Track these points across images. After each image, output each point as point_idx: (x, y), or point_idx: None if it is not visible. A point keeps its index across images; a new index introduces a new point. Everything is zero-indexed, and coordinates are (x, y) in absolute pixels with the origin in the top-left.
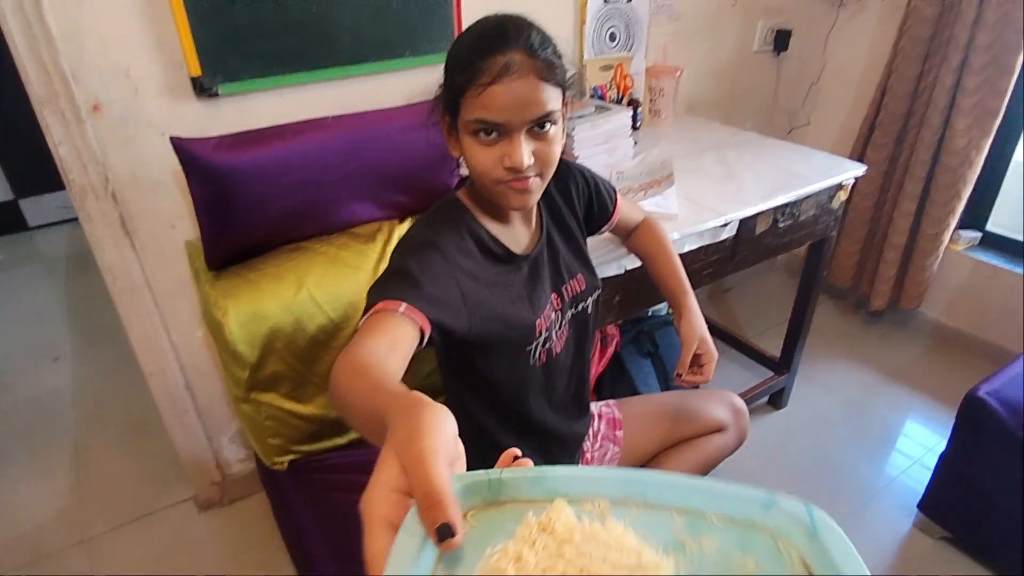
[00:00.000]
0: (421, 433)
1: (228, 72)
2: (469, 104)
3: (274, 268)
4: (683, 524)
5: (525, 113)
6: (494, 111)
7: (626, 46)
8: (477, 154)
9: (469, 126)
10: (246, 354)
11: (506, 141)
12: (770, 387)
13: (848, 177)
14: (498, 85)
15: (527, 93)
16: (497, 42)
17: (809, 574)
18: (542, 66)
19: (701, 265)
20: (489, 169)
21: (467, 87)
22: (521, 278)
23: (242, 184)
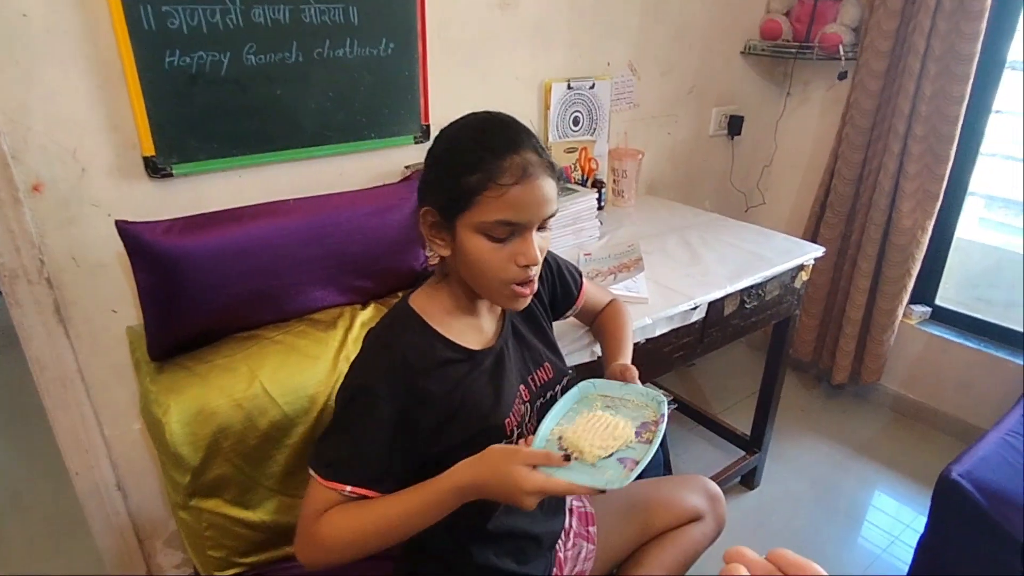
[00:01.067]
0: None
1: (184, 152)
2: (486, 205)
3: (224, 359)
4: None
5: (543, 212)
6: (519, 212)
7: (589, 130)
8: (486, 254)
9: (484, 226)
10: (188, 457)
11: (519, 240)
12: (743, 467)
13: (808, 259)
14: (522, 186)
15: (545, 193)
16: (511, 142)
17: None
18: (549, 165)
19: (672, 348)
20: (499, 269)
21: (484, 187)
22: (485, 374)
23: (192, 270)
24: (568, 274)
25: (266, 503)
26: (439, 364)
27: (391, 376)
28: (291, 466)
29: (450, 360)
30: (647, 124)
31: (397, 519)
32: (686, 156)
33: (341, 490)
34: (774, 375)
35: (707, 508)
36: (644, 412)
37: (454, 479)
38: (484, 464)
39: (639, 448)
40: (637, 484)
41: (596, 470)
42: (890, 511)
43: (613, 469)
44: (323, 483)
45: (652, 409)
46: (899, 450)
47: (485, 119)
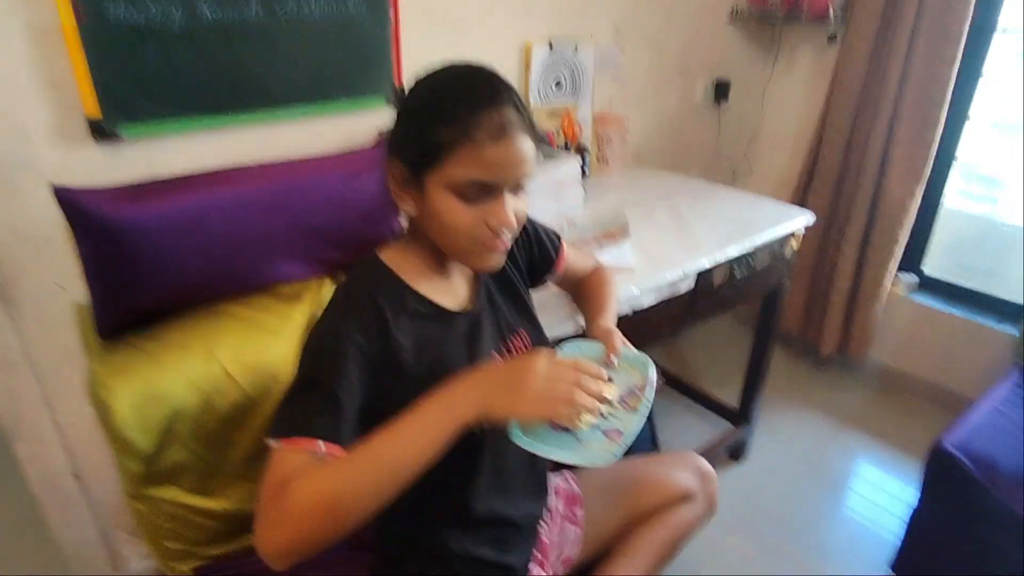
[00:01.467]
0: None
1: (133, 114)
2: (459, 161)
3: (180, 336)
4: None
5: (519, 173)
6: (493, 171)
7: (572, 95)
8: (456, 212)
9: (455, 185)
10: (139, 443)
11: (491, 200)
12: (731, 441)
13: (799, 225)
14: (499, 145)
15: (523, 153)
16: (489, 97)
17: None
18: (529, 125)
19: (659, 320)
20: (468, 228)
21: (458, 143)
22: (458, 338)
23: (141, 242)
24: (546, 237)
25: (228, 490)
26: (411, 317)
27: (365, 327)
28: (255, 450)
29: (421, 315)
30: (633, 90)
31: (384, 460)
32: (672, 123)
33: (313, 448)
34: (763, 348)
35: (698, 487)
36: (630, 377)
37: (454, 388)
38: (494, 364)
39: (623, 417)
40: (625, 462)
41: (579, 443)
42: (878, 482)
43: (597, 442)
44: (290, 445)
45: (639, 373)
46: (886, 421)
47: (466, 70)
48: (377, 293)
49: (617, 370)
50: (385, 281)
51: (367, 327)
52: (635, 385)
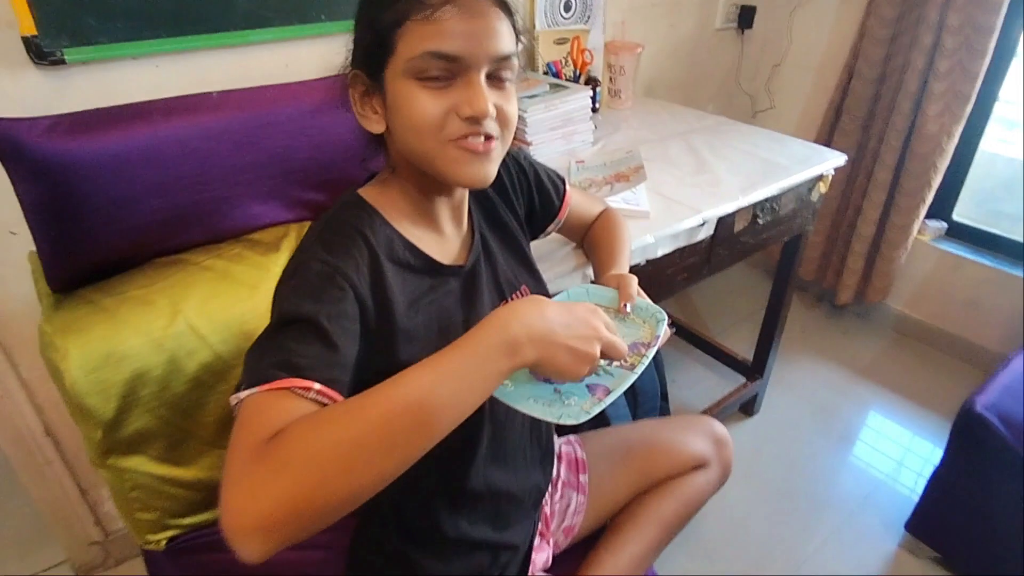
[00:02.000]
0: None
1: (78, 33)
2: (412, 36)
3: (140, 290)
4: None
5: (487, 46)
6: (451, 39)
7: (582, 18)
8: (421, 103)
9: (413, 66)
10: (98, 409)
11: (462, 85)
12: (743, 395)
13: (829, 167)
14: (454, 6)
15: (488, 22)
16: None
17: None
18: (500, 2)
19: (675, 270)
20: (436, 122)
21: (408, 14)
22: (452, 298)
23: (89, 180)
24: (548, 180)
25: (201, 458)
26: (400, 268)
27: (355, 263)
28: (229, 415)
29: (411, 267)
30: (647, 13)
31: (424, 402)
32: (689, 51)
33: (305, 389)
34: (780, 299)
35: (713, 454)
36: (639, 331)
37: (518, 326)
38: (557, 308)
39: (616, 373)
40: (635, 425)
41: (557, 396)
42: (894, 437)
43: (578, 396)
44: (272, 388)
45: (649, 327)
46: (902, 373)
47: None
48: (365, 230)
49: (626, 321)
50: (371, 220)
51: (357, 264)
52: (640, 340)
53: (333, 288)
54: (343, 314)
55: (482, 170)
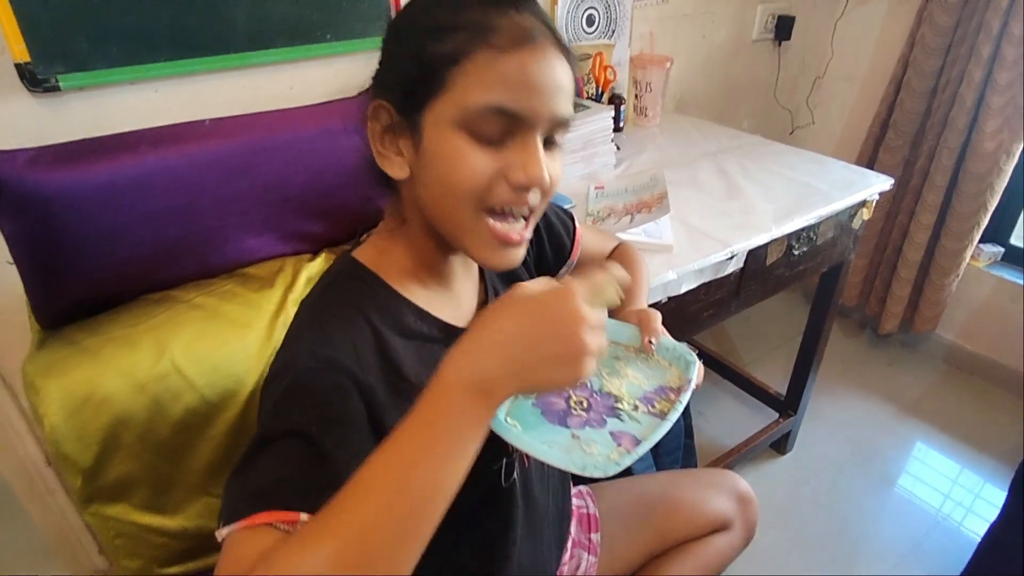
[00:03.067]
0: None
1: (72, 59)
2: (473, 80)
3: (125, 329)
4: None
5: (554, 105)
6: (521, 94)
7: (606, 32)
8: (469, 162)
9: (468, 117)
10: (76, 456)
11: (517, 146)
12: (775, 432)
13: (873, 192)
14: (526, 52)
15: (558, 76)
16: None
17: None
18: (565, 48)
19: (699, 307)
20: (482, 186)
21: (470, 50)
22: None
23: (73, 214)
24: (558, 220)
25: (188, 506)
26: (409, 339)
27: (356, 351)
28: (218, 460)
29: (423, 336)
30: (677, 24)
31: (394, 494)
32: (723, 65)
33: (289, 523)
34: (818, 331)
35: (736, 514)
36: (665, 373)
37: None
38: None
39: (644, 421)
40: (654, 479)
41: (574, 442)
42: (942, 480)
43: (601, 444)
44: (258, 521)
45: (677, 370)
46: (953, 409)
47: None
48: (366, 306)
49: (649, 361)
50: (372, 291)
51: (357, 350)
52: (668, 385)
53: (329, 388)
54: (342, 419)
55: (510, 257)
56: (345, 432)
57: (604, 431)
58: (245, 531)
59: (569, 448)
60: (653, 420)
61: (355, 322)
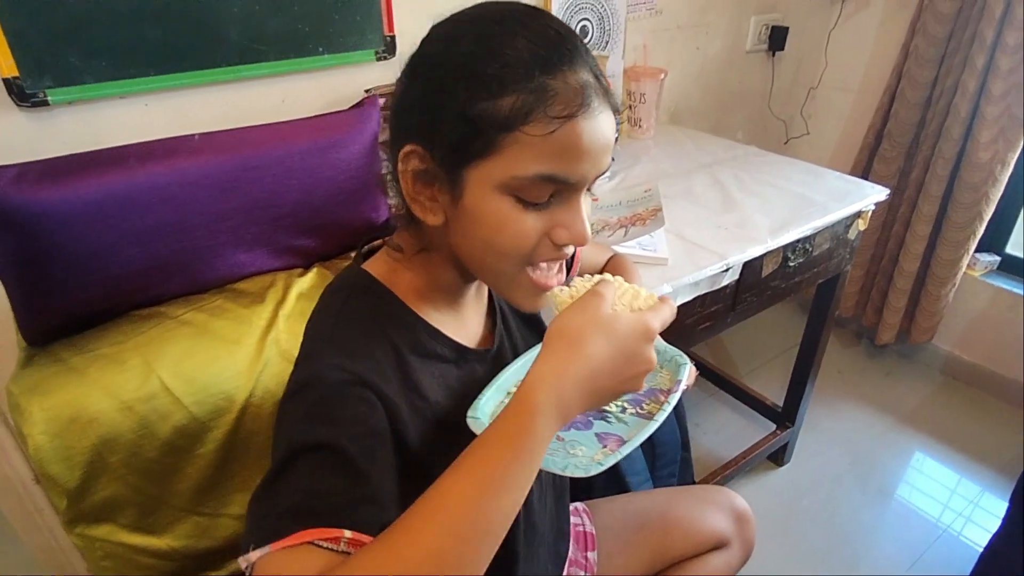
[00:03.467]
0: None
1: (61, 73)
2: (524, 149)
3: (113, 347)
4: None
5: (600, 164)
6: (573, 163)
7: (600, 44)
8: (518, 226)
9: (517, 184)
10: (61, 477)
11: (562, 207)
12: (772, 444)
13: (868, 203)
14: (578, 121)
15: (608, 137)
16: (565, 52)
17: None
18: (608, 93)
19: (696, 320)
20: (529, 246)
21: (524, 119)
22: (479, 384)
23: (61, 231)
24: None
25: (176, 526)
26: (425, 359)
27: (379, 368)
28: (206, 480)
29: (437, 356)
30: (671, 36)
31: (474, 512)
32: (718, 76)
33: (333, 540)
34: (815, 342)
35: (733, 532)
36: (656, 375)
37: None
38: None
39: (631, 422)
40: (650, 495)
41: (559, 443)
42: (941, 491)
43: (586, 446)
44: (290, 544)
45: (668, 372)
46: (951, 420)
47: (518, 9)
48: (384, 322)
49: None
50: (389, 307)
51: (381, 366)
52: (659, 387)
53: (356, 402)
54: (372, 433)
55: (540, 304)
56: (375, 446)
57: (590, 433)
58: (284, 552)
59: (552, 450)
60: (640, 421)
61: (377, 337)
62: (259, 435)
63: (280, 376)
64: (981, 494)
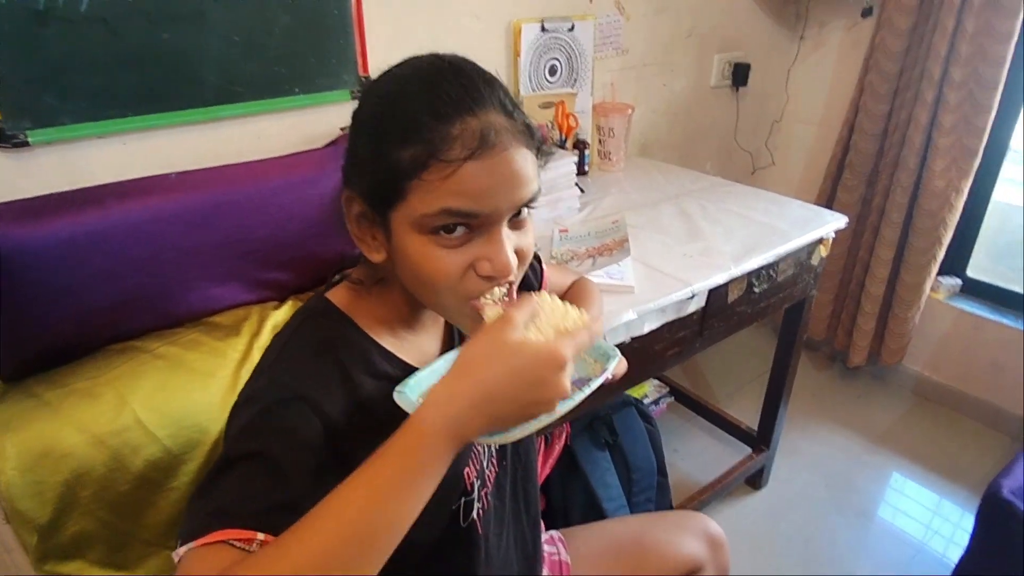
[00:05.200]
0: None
1: (40, 115)
2: (428, 190)
3: (87, 381)
4: None
5: (512, 197)
6: (477, 198)
7: (568, 82)
8: (435, 261)
9: (427, 222)
10: (32, 513)
11: (481, 240)
12: (748, 468)
13: (828, 230)
14: (481, 161)
15: (516, 168)
16: (464, 99)
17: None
18: (523, 130)
19: (664, 346)
20: (455, 282)
21: (423, 165)
22: None
23: (33, 269)
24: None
25: (146, 561)
26: (376, 379)
27: (323, 384)
28: (178, 513)
29: (388, 377)
30: (638, 74)
31: (359, 520)
32: (684, 111)
33: (246, 540)
34: (785, 366)
35: (707, 556)
36: (587, 368)
37: (452, 403)
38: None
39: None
40: (624, 524)
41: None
42: (917, 510)
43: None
44: (207, 541)
45: (600, 365)
46: (924, 440)
47: (430, 65)
48: (335, 343)
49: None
50: (342, 330)
51: (327, 385)
52: (588, 376)
53: (294, 415)
54: (303, 446)
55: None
56: (304, 458)
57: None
58: (202, 548)
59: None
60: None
61: (323, 357)
62: None
63: None
64: (958, 513)
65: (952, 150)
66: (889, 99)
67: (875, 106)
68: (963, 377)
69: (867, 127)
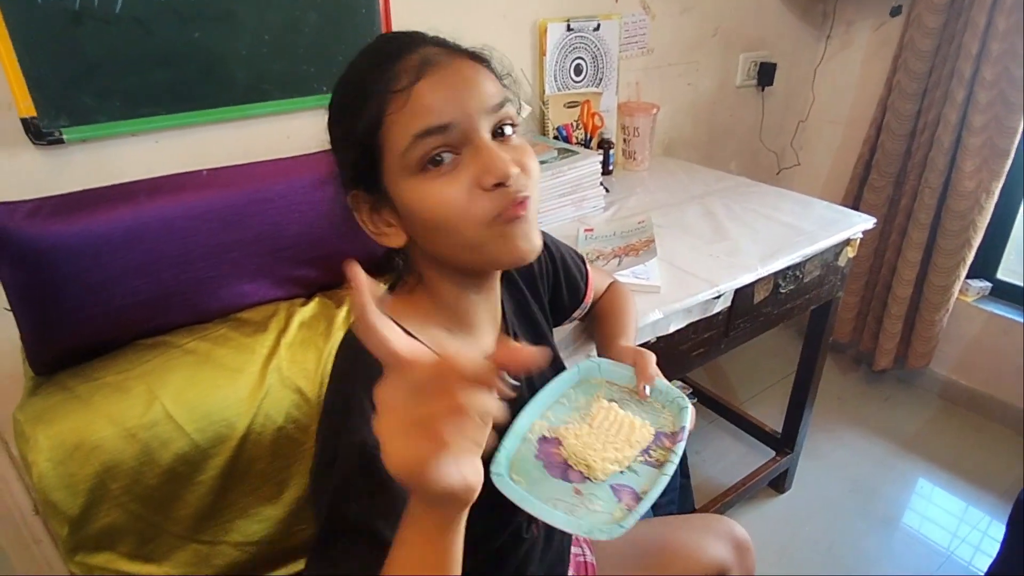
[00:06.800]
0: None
1: (76, 112)
2: (394, 129)
3: (117, 375)
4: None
5: (476, 101)
6: (437, 112)
7: (594, 81)
8: (437, 195)
9: (409, 158)
10: (64, 505)
11: (471, 156)
12: (772, 470)
13: (856, 231)
14: (427, 79)
15: (467, 75)
16: (402, 45)
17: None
18: (469, 53)
19: (690, 346)
20: (463, 207)
21: (383, 109)
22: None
23: (69, 264)
24: (572, 263)
25: (175, 554)
26: None
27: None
28: (206, 508)
29: None
30: (663, 73)
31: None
32: (709, 110)
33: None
34: (811, 368)
35: (733, 560)
36: (658, 417)
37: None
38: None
39: (643, 471)
40: (650, 526)
41: (578, 498)
42: (943, 517)
43: (603, 499)
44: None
45: (670, 413)
46: (951, 445)
47: (371, 41)
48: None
49: (643, 405)
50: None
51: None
52: (663, 429)
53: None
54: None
55: (529, 239)
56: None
57: (605, 484)
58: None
59: (573, 506)
60: (650, 471)
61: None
62: (260, 462)
63: (281, 403)
64: (986, 520)
65: (982, 150)
66: (918, 99)
67: (903, 106)
68: (992, 381)
69: (895, 127)
